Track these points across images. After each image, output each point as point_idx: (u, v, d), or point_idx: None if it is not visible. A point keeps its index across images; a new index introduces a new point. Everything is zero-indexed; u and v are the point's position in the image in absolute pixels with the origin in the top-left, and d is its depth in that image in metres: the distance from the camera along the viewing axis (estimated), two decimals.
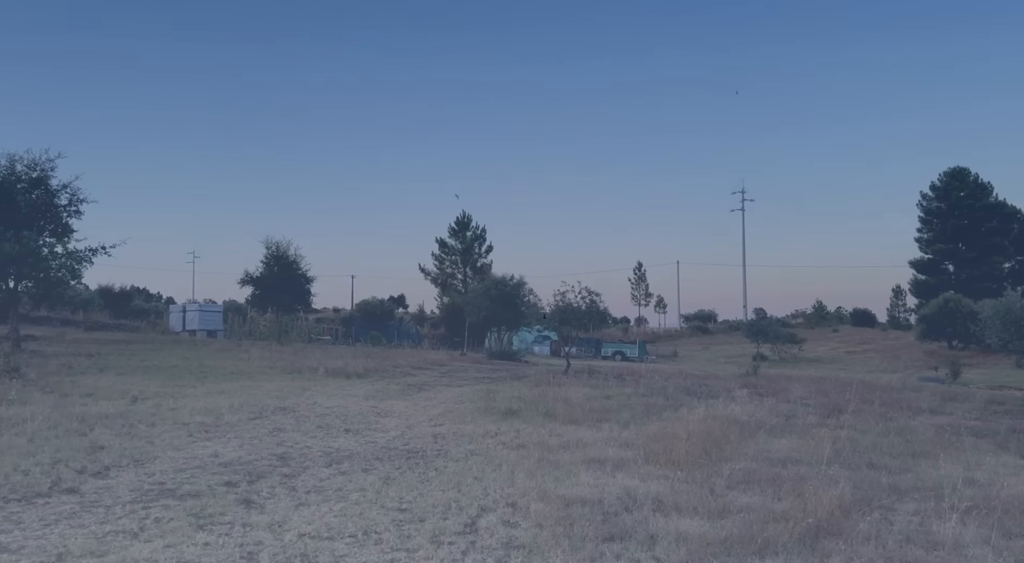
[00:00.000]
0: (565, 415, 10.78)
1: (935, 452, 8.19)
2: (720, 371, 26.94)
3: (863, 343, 55.68)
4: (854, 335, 62.16)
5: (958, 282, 56.48)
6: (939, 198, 59.43)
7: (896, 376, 27.06)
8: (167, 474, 6.52)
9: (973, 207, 56.94)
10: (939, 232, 58.94)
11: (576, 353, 43.47)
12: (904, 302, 76.73)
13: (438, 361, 22.80)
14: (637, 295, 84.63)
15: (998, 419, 12.43)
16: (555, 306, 21.92)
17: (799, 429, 9.76)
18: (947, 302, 45.33)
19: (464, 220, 56.86)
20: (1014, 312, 14.72)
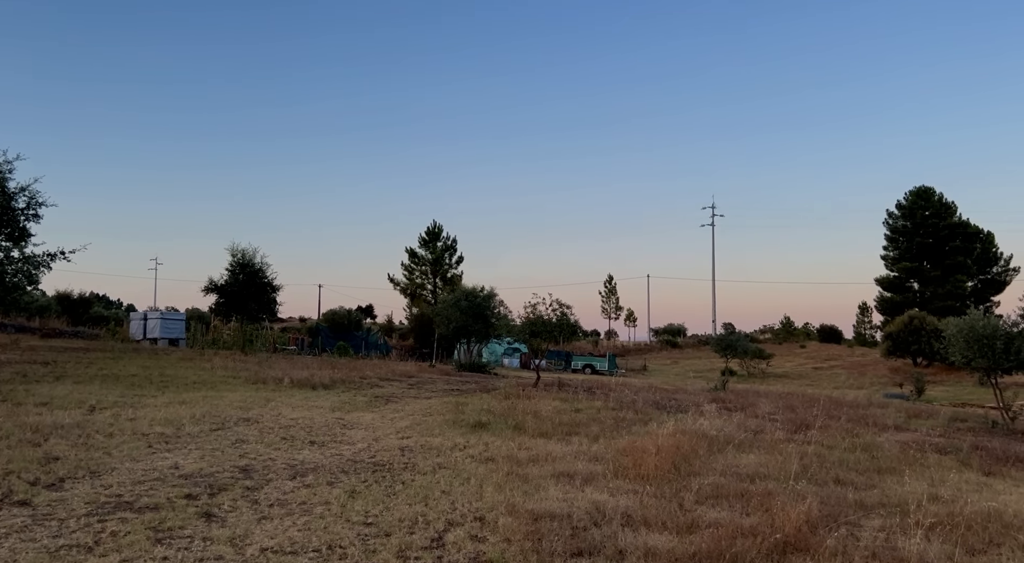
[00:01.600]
0: (534, 428, 10.76)
1: (900, 468, 8.35)
2: (689, 385, 27.16)
3: (830, 359, 56.67)
4: (821, 351, 63.24)
5: (923, 300, 57.84)
6: (905, 217, 60.89)
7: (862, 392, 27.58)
8: (125, 486, 6.36)
9: (937, 226, 58.46)
10: (904, 250, 60.36)
11: (546, 366, 43.70)
12: (870, 319, 78.38)
13: (406, 373, 22.64)
14: (607, 308, 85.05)
15: (961, 436, 12.72)
16: (525, 318, 21.89)
17: (767, 444, 9.88)
18: (912, 319, 46.42)
19: (435, 230, 56.72)
20: (977, 330, 15.08)
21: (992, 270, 61.46)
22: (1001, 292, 60.76)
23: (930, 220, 58.90)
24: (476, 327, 28.52)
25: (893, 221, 61.92)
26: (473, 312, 28.13)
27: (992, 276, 61.35)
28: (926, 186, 61.02)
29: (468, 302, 28.38)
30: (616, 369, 46.68)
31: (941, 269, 57.36)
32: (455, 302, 28.83)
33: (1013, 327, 15.27)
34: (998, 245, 61.90)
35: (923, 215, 59.54)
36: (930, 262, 58.89)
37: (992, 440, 12.22)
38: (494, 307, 28.95)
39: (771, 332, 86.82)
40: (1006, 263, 61.64)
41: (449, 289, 48.08)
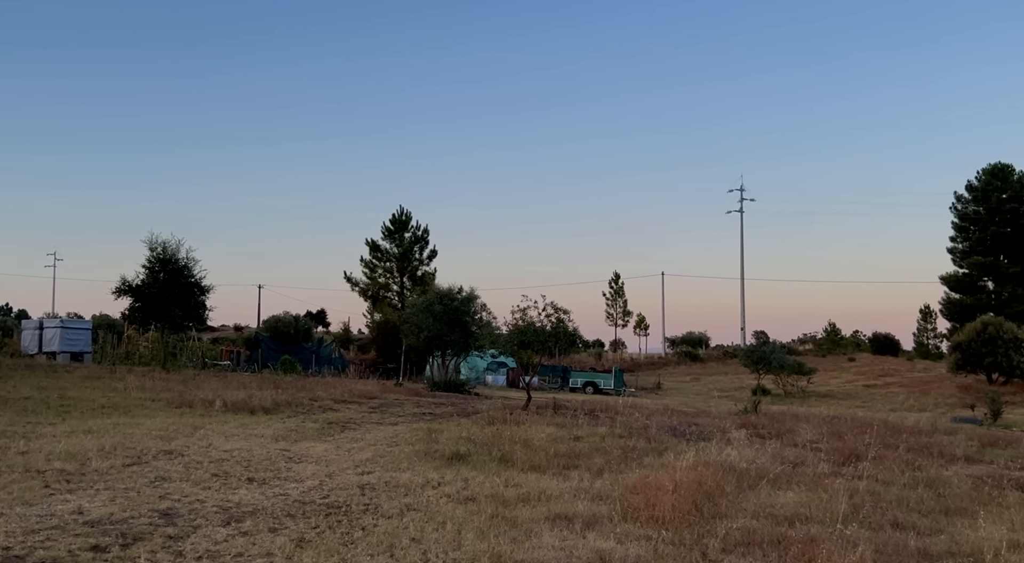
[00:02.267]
0: (524, 460, 10.78)
1: (973, 509, 8.42)
2: (713, 407, 27.25)
3: (885, 375, 57.05)
4: (874, 365, 63.62)
5: (999, 302, 58.37)
6: (977, 200, 61.37)
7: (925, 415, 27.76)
8: (15, 536, 6.32)
9: (1017, 212, 58.80)
10: (976, 242, 60.84)
11: (539, 384, 43.77)
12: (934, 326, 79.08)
13: (367, 393, 22.61)
14: (613, 313, 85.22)
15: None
16: (513, 326, 21.87)
17: (809, 479, 9.94)
18: (986, 326, 46.70)
19: (402, 218, 56.73)
20: None
21: None
22: None
23: (1008, 204, 59.35)
24: (453, 336, 28.51)
25: (963, 206, 62.43)
26: (449, 318, 28.10)
27: None
28: (1003, 163, 61.50)
29: (443, 306, 28.36)
30: (624, 387, 46.81)
31: (1022, 265, 57.82)
32: (427, 306, 28.80)
33: None
34: None
35: (999, 198, 59.99)
36: (1008, 256, 59.41)
37: None
38: (475, 312, 28.94)
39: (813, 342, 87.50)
40: None
41: (420, 290, 48.16)
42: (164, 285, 29.05)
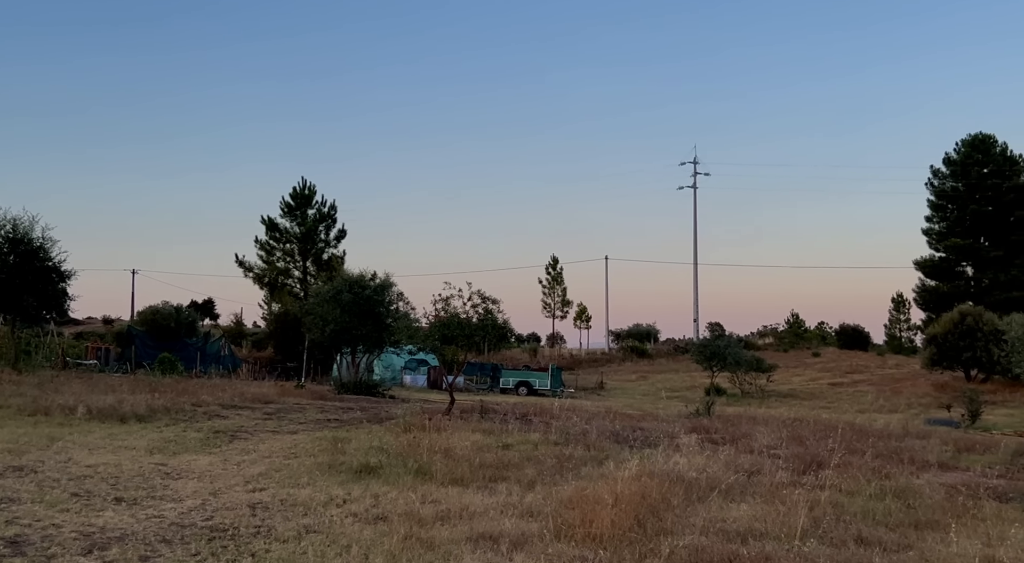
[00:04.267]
0: (445, 473, 10.78)
1: (945, 521, 8.70)
2: (662, 409, 27.65)
3: (853, 372, 58.70)
4: (841, 361, 65.40)
5: (979, 290, 60.40)
6: (955, 175, 63.18)
7: (896, 417, 28.63)
8: None
9: (1000, 188, 60.66)
10: (955, 222, 62.71)
11: (465, 385, 43.83)
12: (908, 316, 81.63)
13: (262, 396, 22.29)
14: (551, 303, 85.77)
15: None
16: (435, 317, 21.79)
17: (765, 490, 10.15)
18: (964, 317, 48.38)
19: (305, 192, 55.99)
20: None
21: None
22: None
23: (990, 180, 61.22)
24: (364, 330, 28.32)
25: (940, 182, 64.28)
26: (360, 309, 27.88)
27: None
28: (984, 133, 63.42)
29: (353, 295, 28.11)
30: (562, 388, 47.16)
31: (1004, 247, 59.71)
32: (334, 295, 28.53)
33: None
34: None
35: (980, 173, 61.84)
36: (989, 238, 61.36)
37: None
38: (390, 302, 28.78)
39: (774, 335, 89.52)
40: None
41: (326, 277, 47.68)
42: (14, 269, 28.04)
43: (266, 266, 55.01)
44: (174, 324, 44.40)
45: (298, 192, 56.00)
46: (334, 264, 52.87)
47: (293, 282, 55.17)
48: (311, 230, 54.95)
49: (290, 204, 55.71)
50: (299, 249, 55.06)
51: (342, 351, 33.05)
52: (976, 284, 61.74)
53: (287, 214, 55.66)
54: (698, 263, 79.81)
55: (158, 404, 17.92)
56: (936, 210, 64.57)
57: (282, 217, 55.66)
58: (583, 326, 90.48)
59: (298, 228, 55.05)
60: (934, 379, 50.34)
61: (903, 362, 62.60)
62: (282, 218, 55.65)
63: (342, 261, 53.95)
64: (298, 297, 50.84)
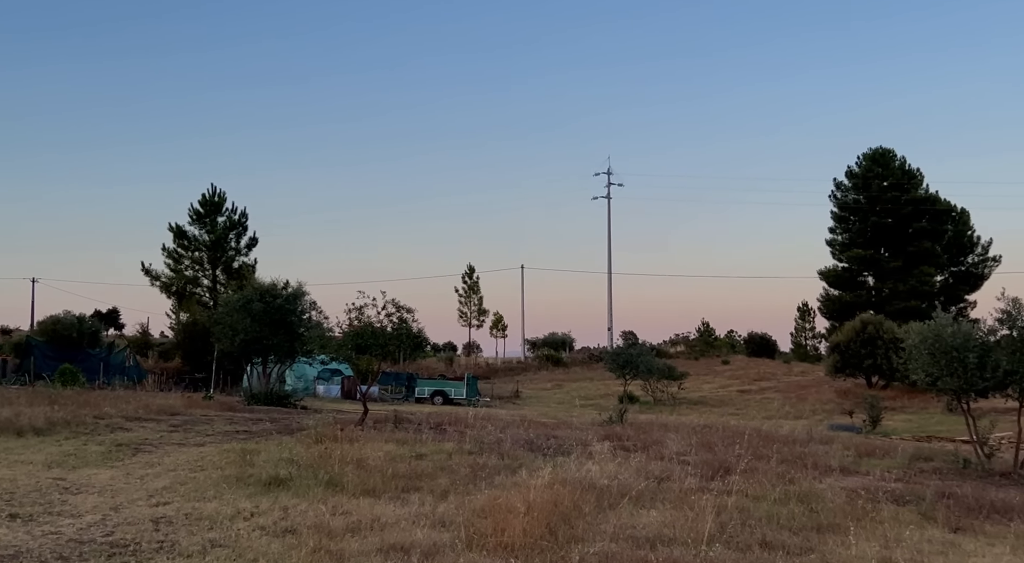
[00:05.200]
0: (357, 483, 10.70)
1: (846, 524, 8.96)
2: (576, 417, 27.86)
3: (760, 379, 60.09)
4: (749, 368, 66.89)
5: (880, 299, 62.25)
6: (857, 188, 65.13)
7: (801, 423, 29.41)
8: None
9: (899, 201, 62.76)
10: (857, 234, 64.61)
11: (380, 394, 43.48)
12: (813, 325, 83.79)
13: (168, 408, 21.75)
14: (467, 312, 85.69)
15: (924, 480, 13.83)
16: (348, 327, 21.63)
17: (675, 496, 10.32)
18: (865, 325, 49.96)
19: (214, 199, 54.91)
20: (944, 340, 16.08)
21: (967, 260, 66.96)
22: (978, 289, 66.42)
23: (889, 193, 63.26)
24: (276, 340, 27.93)
25: (842, 194, 66.19)
26: (271, 318, 27.50)
27: (967, 268, 66.88)
28: (885, 148, 65.47)
29: (264, 304, 27.71)
30: (477, 396, 47.18)
31: (903, 258, 61.76)
32: (244, 304, 28.06)
33: (989, 335, 16.53)
34: (974, 227, 67.47)
35: (880, 186, 63.83)
36: (889, 249, 63.37)
37: (963, 484, 13.34)
38: (303, 311, 28.42)
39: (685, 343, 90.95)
40: (984, 250, 67.24)
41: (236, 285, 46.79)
42: None
43: (174, 275, 53.74)
44: (76, 334, 43.10)
45: (208, 199, 54.88)
46: (245, 273, 51.94)
47: (202, 291, 54.02)
48: (221, 238, 53.91)
49: (199, 211, 54.55)
50: (208, 257, 53.96)
51: (252, 361, 32.46)
52: (877, 293, 63.57)
53: (196, 221, 54.50)
54: (612, 272, 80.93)
55: (58, 417, 17.35)
56: (839, 222, 66.40)
57: (191, 224, 54.48)
58: (499, 335, 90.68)
59: (208, 236, 53.94)
60: (837, 386, 51.80)
61: (808, 369, 64.25)
62: (191, 226, 54.48)
63: (253, 270, 53.06)
64: (207, 306, 49.78)
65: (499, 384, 58.74)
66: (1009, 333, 16.06)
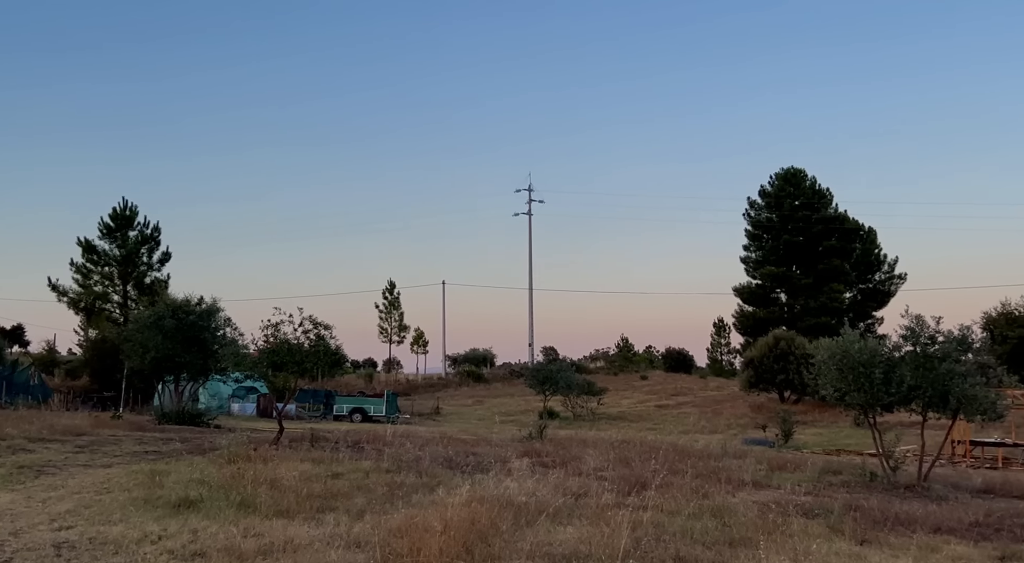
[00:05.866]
0: (270, 504, 10.51)
1: (757, 538, 9.11)
2: (496, 433, 27.88)
3: (677, 394, 60.91)
4: (667, 383, 67.74)
5: (792, 315, 63.83)
6: (770, 207, 66.82)
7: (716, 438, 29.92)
8: None
9: (810, 220, 64.57)
10: (770, 251, 66.21)
11: (296, 412, 42.94)
12: (728, 340, 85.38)
13: (75, 428, 21.11)
14: (388, 328, 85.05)
15: (833, 493, 14.19)
16: (265, 343, 21.37)
17: (591, 512, 10.36)
18: (778, 341, 51.09)
19: (125, 213, 53.68)
20: (851, 356, 16.57)
21: (874, 277, 69.02)
22: (885, 305, 68.38)
23: (800, 212, 65.02)
24: (189, 357, 27.48)
25: (756, 213, 67.78)
26: (184, 335, 27.08)
27: (874, 285, 68.90)
28: (796, 168, 67.33)
29: (176, 320, 27.30)
30: (397, 414, 46.90)
31: (814, 276, 63.48)
32: (156, 321, 27.57)
33: (894, 351, 17.07)
34: (880, 245, 69.60)
35: (792, 205, 65.58)
36: (801, 267, 65.06)
37: (870, 497, 13.73)
38: (217, 328, 28.04)
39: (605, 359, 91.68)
40: (890, 269, 69.39)
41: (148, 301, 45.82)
42: None
43: (82, 290, 52.29)
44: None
45: (118, 213, 53.60)
46: (157, 288, 50.82)
47: (112, 307, 52.70)
48: (132, 253, 52.68)
49: (109, 226, 53.23)
50: (119, 272, 52.66)
51: (164, 379, 31.82)
52: (789, 310, 65.12)
53: (106, 236, 53.16)
54: (533, 288, 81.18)
55: None
56: (753, 239, 67.91)
57: (101, 239, 53.12)
58: (420, 351, 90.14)
59: (118, 250, 52.67)
60: (751, 400, 52.78)
61: (724, 384, 65.36)
62: (101, 240, 53.11)
63: (166, 285, 51.97)
64: (118, 323, 48.54)
65: (419, 401, 58.44)
66: (913, 349, 16.62)
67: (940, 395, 16.01)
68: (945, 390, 15.86)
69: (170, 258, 54.39)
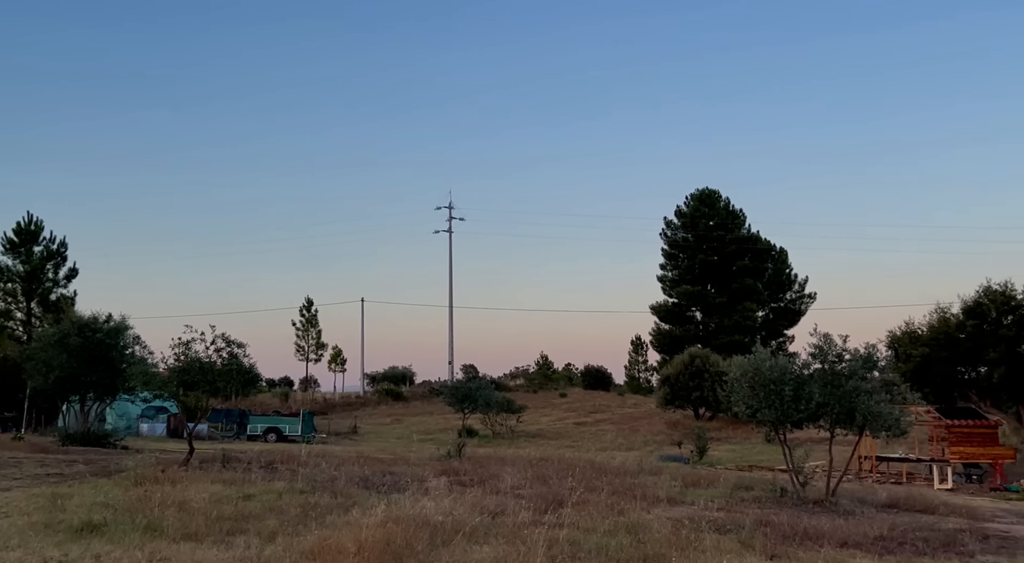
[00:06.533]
0: (178, 527, 10.29)
1: (670, 554, 9.21)
2: (414, 452, 27.73)
3: (596, 412, 61.34)
4: (585, 401, 68.16)
5: (707, 333, 64.91)
6: (686, 227, 68.00)
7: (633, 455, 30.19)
8: None
9: (724, 240, 65.92)
10: (686, 270, 67.33)
11: (209, 432, 41.96)
12: (645, 358, 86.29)
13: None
14: (305, 346, 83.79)
15: (744, 508, 14.42)
16: (175, 362, 20.99)
17: (508, 530, 10.36)
18: (693, 359, 51.90)
19: (31, 228, 52.08)
20: (763, 374, 16.92)
21: (785, 296, 70.63)
22: (796, 324, 69.85)
23: (715, 232, 66.34)
24: (95, 377, 26.93)
25: (672, 232, 68.90)
26: (90, 354, 26.51)
27: (786, 304, 70.48)
28: (711, 189, 68.71)
29: (83, 338, 26.72)
30: (313, 433, 46.29)
31: (728, 294, 64.72)
32: (60, 339, 26.95)
33: (804, 369, 17.48)
34: (792, 265, 71.29)
35: (707, 225, 66.87)
36: (715, 285, 66.29)
37: (780, 512, 14.00)
38: (125, 346, 27.49)
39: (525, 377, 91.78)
40: (801, 288, 71.02)
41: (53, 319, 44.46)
42: None
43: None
44: None
45: (23, 228, 51.95)
46: (63, 305, 49.32)
47: (15, 325, 50.95)
48: (37, 269, 51.06)
49: (13, 241, 51.57)
50: (23, 289, 51.01)
51: (69, 399, 30.93)
52: (704, 328, 66.20)
53: (9, 251, 51.48)
54: (453, 306, 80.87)
55: None
56: (669, 259, 68.95)
57: (3, 254, 51.44)
58: (338, 369, 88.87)
59: (22, 266, 51.03)
60: (668, 417, 53.47)
61: (641, 401, 66.05)
62: (4, 255, 51.43)
63: (72, 302, 50.51)
64: (20, 341, 46.94)
65: (337, 420, 57.74)
66: (821, 367, 17.07)
67: (847, 412, 16.47)
68: (852, 407, 16.32)
69: (77, 274, 52.90)
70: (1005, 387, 29.43)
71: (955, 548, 11.60)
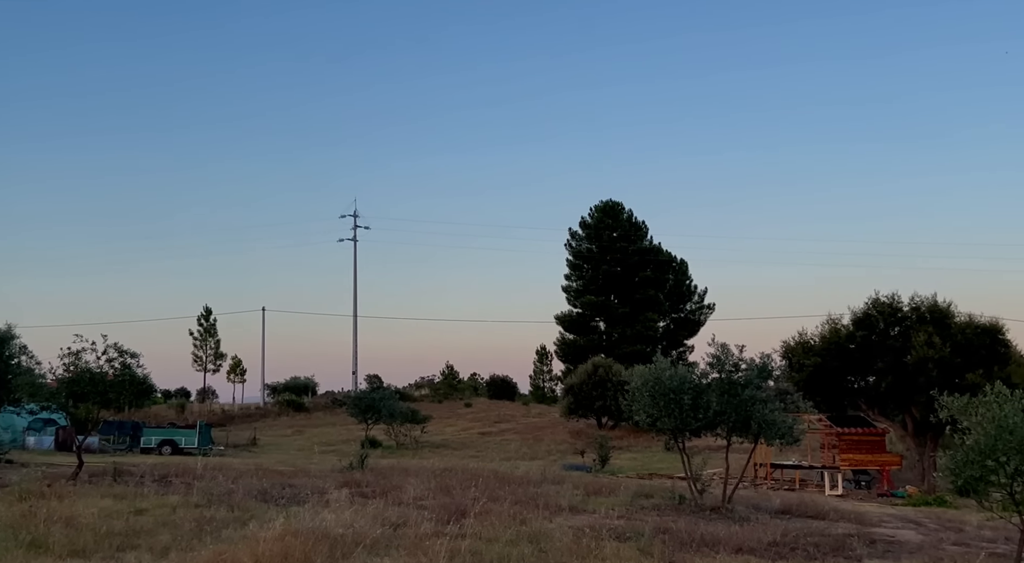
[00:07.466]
0: (65, 543, 9.97)
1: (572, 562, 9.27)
2: (315, 464, 27.38)
3: (500, 421, 61.46)
4: (490, 411, 68.25)
5: (610, 343, 65.71)
6: (590, 238, 68.84)
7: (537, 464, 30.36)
8: None
9: (627, 251, 66.96)
10: (590, 280, 68.10)
11: (100, 445, 40.63)
12: (550, 368, 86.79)
13: None
14: (202, 356, 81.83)
15: (644, 516, 14.64)
16: (64, 373, 20.38)
17: (410, 542, 10.29)
18: (596, 368, 52.43)
19: None
20: (663, 383, 17.25)
21: (686, 307, 72.02)
22: (695, 334, 71.19)
23: (618, 243, 67.33)
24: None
25: (577, 243, 69.67)
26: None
27: (686, 314, 71.84)
28: (614, 201, 69.73)
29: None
30: (211, 445, 45.18)
31: (631, 305, 65.69)
32: None
33: (702, 378, 17.89)
34: (692, 277, 72.77)
35: (611, 237, 67.85)
36: (618, 296, 67.22)
37: (678, 520, 14.27)
38: (11, 356, 26.37)
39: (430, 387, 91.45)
40: (700, 299, 72.54)
41: None
42: None
43: None
44: None
45: None
46: None
47: None
48: None
49: None
50: None
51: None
52: (608, 338, 66.99)
53: None
54: (358, 315, 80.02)
55: None
56: (574, 269, 69.66)
57: None
58: (238, 380, 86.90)
59: None
60: (571, 426, 53.88)
61: (545, 411, 66.44)
62: None
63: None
64: None
65: (236, 431, 56.54)
66: (719, 376, 17.50)
67: (743, 420, 16.94)
68: (748, 415, 16.79)
69: None
70: (892, 396, 30.40)
71: (844, 553, 12.00)
